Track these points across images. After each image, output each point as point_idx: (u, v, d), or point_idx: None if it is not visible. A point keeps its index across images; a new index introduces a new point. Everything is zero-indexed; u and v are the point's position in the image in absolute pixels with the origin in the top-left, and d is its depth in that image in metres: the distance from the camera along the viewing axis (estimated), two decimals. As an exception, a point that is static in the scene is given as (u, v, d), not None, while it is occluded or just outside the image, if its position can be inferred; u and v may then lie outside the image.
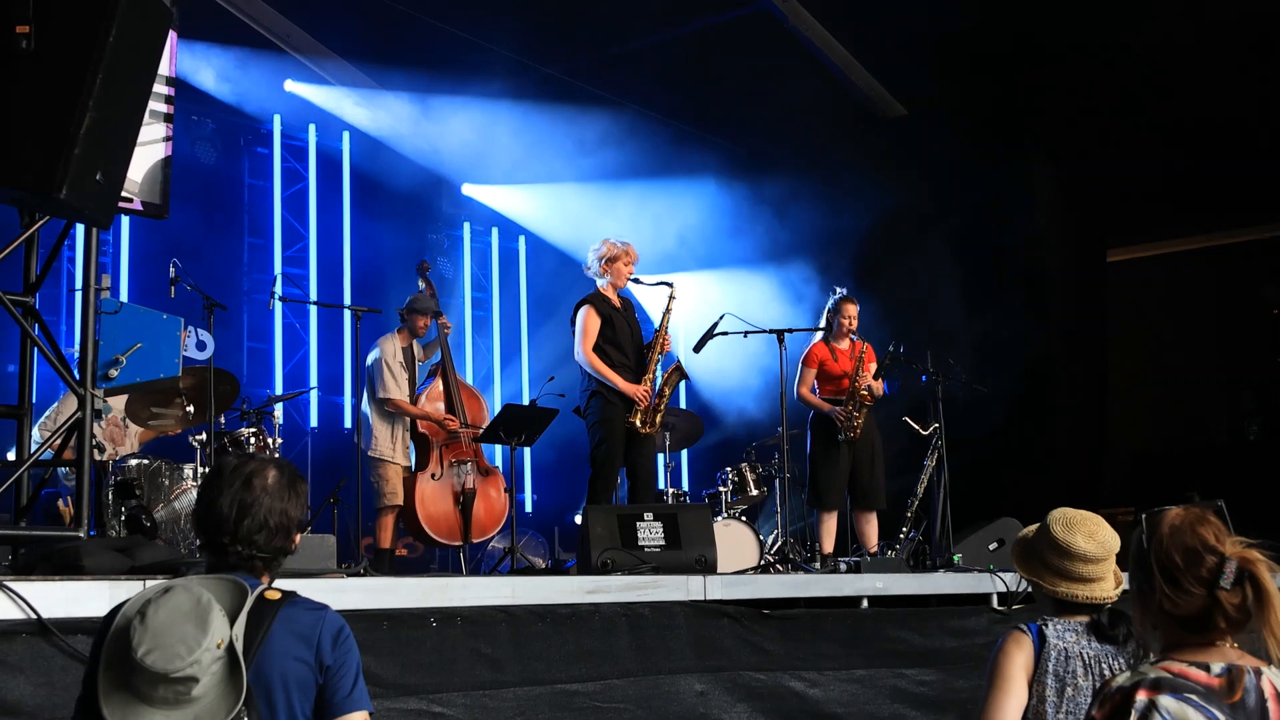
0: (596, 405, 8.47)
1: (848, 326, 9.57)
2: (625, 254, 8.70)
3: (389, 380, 9.36)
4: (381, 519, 9.37)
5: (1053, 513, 3.81)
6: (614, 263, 8.67)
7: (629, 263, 8.72)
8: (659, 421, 8.59)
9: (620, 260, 8.68)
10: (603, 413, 8.43)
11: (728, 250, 14.23)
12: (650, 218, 13.53)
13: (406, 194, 13.22)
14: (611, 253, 8.69)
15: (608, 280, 8.69)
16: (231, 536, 3.18)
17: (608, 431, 8.40)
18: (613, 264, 8.67)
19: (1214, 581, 2.68)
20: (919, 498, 9.54)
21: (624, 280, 8.73)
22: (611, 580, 6.14)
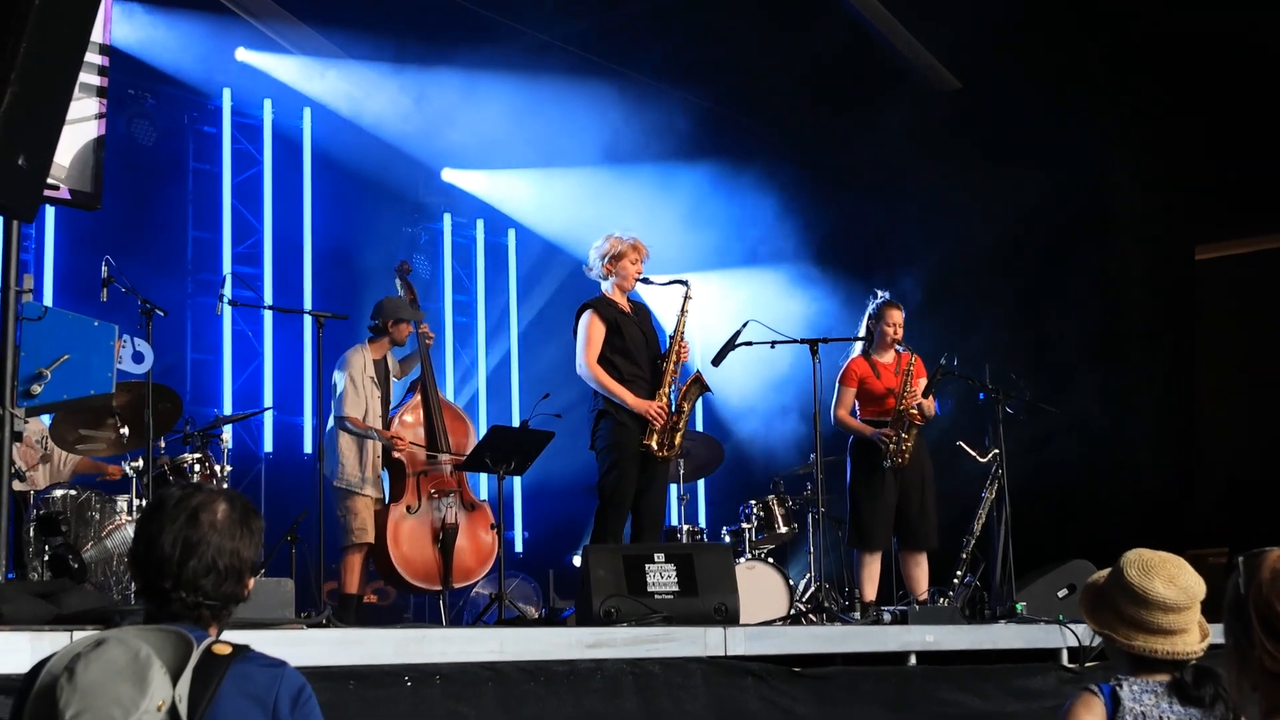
0: (606, 427, 8.48)
1: (892, 336, 9.58)
2: (633, 250, 8.70)
3: (349, 395, 9.37)
4: (348, 560, 9.38)
5: (1127, 555, 3.81)
6: (620, 261, 8.68)
7: (637, 260, 8.72)
8: (679, 443, 8.60)
9: (627, 258, 8.68)
10: (614, 435, 8.44)
11: (753, 246, 14.25)
12: (663, 208, 13.54)
13: (377, 180, 13.24)
14: (616, 249, 8.69)
15: (613, 281, 8.70)
16: (174, 580, 3.19)
17: (620, 456, 8.41)
18: (618, 262, 8.67)
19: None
20: (976, 536, 9.54)
21: (632, 281, 8.73)
22: (616, 632, 6.15)
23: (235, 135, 12.45)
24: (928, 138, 13.66)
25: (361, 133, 13.06)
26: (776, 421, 13.58)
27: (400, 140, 13.28)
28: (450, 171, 14.04)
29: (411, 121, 13.16)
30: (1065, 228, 13.63)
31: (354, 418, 9.38)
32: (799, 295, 13.66)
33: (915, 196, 13.93)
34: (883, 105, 13.67)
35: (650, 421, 8.40)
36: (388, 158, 13.26)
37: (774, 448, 13.54)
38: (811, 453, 9.49)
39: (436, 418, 9.72)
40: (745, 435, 14.20)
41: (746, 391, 13.65)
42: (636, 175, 13.74)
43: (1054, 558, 9.73)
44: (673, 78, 13.81)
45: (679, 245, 13.50)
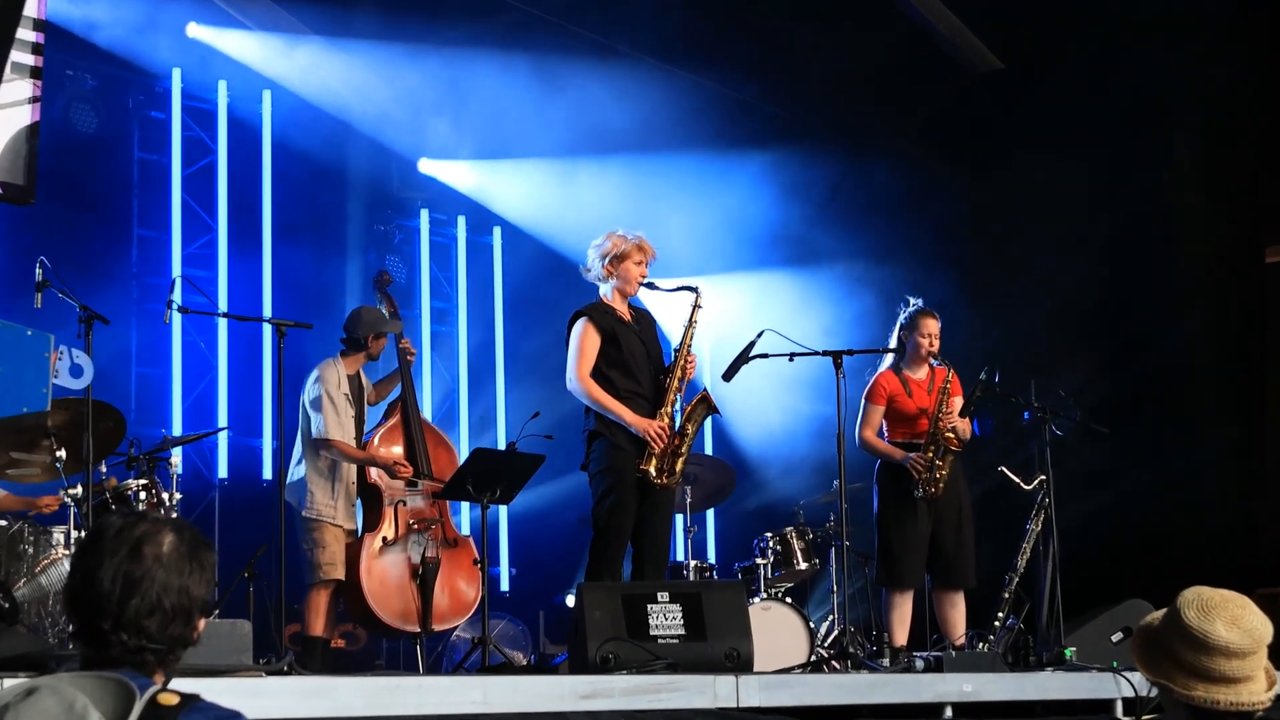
0: (600, 449, 8.47)
1: (926, 348, 9.58)
2: (638, 250, 8.69)
3: (330, 416, 9.38)
4: (313, 598, 9.38)
5: (1184, 594, 3.81)
6: (622, 262, 8.67)
7: (642, 262, 8.71)
8: (680, 470, 8.59)
9: (631, 259, 8.68)
10: (608, 459, 8.42)
11: (771, 247, 14.26)
12: (670, 204, 13.56)
13: (347, 173, 13.26)
14: (619, 249, 8.68)
15: (614, 285, 8.71)
16: (114, 621, 3.19)
17: (616, 482, 8.39)
18: (620, 264, 8.67)
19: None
20: (1020, 573, 9.55)
21: (635, 285, 8.73)
22: (615, 681, 6.15)
23: (186, 121, 12.46)
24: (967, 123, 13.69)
25: (328, 119, 13.06)
26: (795, 444, 13.58)
27: (372, 127, 13.29)
28: (428, 162, 14.05)
29: (385, 106, 13.17)
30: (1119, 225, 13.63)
31: (341, 441, 9.37)
32: (820, 301, 13.68)
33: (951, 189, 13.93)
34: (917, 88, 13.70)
35: (649, 444, 8.40)
36: (358, 147, 13.28)
37: (793, 474, 13.53)
38: (835, 480, 9.50)
39: (418, 441, 9.72)
40: (760, 459, 14.20)
41: (761, 410, 13.66)
42: (640, 167, 13.76)
43: (1107, 598, 9.73)
44: (679, 58, 13.83)
45: (687, 245, 13.52)
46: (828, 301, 13.71)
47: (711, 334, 13.42)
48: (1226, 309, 13.81)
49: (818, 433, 13.00)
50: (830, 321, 13.09)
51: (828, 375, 9.13)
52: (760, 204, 14.12)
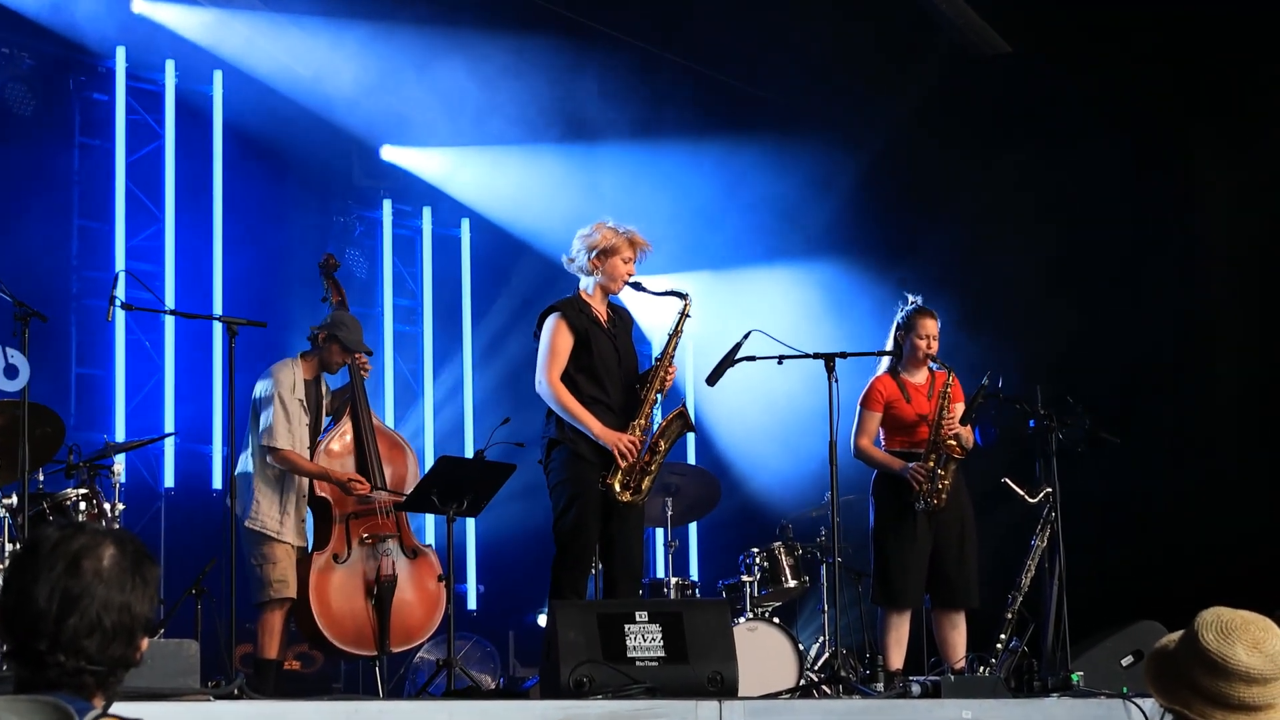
0: (560, 458, 8.49)
1: (925, 350, 9.60)
2: (628, 246, 8.69)
3: (279, 421, 9.35)
4: (265, 618, 9.35)
5: (1202, 615, 3.81)
6: (610, 257, 8.66)
7: (631, 259, 8.72)
8: (647, 488, 8.59)
9: (619, 254, 8.67)
10: (569, 469, 8.44)
11: (757, 242, 14.28)
12: (651, 195, 13.56)
13: (303, 159, 13.25)
14: (608, 242, 8.67)
15: (597, 280, 8.71)
16: (51, 641, 3.19)
17: (576, 494, 8.41)
18: (608, 259, 8.66)
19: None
20: (1024, 592, 9.57)
21: (620, 283, 8.73)
22: (589, 706, 6.16)
23: (131, 104, 12.43)
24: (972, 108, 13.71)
25: (285, 102, 13.04)
26: (784, 453, 13.60)
27: (332, 111, 13.27)
28: (392, 149, 14.04)
29: (345, 89, 13.15)
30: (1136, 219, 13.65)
31: (290, 452, 9.32)
32: (811, 300, 13.69)
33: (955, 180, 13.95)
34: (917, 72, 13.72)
35: (617, 458, 8.40)
36: (317, 132, 13.25)
37: (781, 485, 13.56)
38: (827, 491, 9.51)
39: (369, 447, 9.68)
40: (746, 469, 14.21)
41: (748, 417, 13.67)
42: (620, 155, 13.77)
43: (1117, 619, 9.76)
44: (661, 39, 13.84)
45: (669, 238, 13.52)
46: (819, 300, 13.73)
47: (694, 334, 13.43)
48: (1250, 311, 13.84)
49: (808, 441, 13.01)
50: (822, 321, 13.10)
51: (819, 379, 9.14)
52: (747, 195, 14.13)
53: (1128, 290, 13.54)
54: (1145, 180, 13.59)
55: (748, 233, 14.33)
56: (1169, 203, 13.77)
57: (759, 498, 13.85)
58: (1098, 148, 13.40)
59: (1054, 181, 13.45)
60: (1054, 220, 13.52)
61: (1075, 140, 13.38)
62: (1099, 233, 13.57)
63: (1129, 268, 13.57)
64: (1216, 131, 13.77)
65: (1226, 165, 13.81)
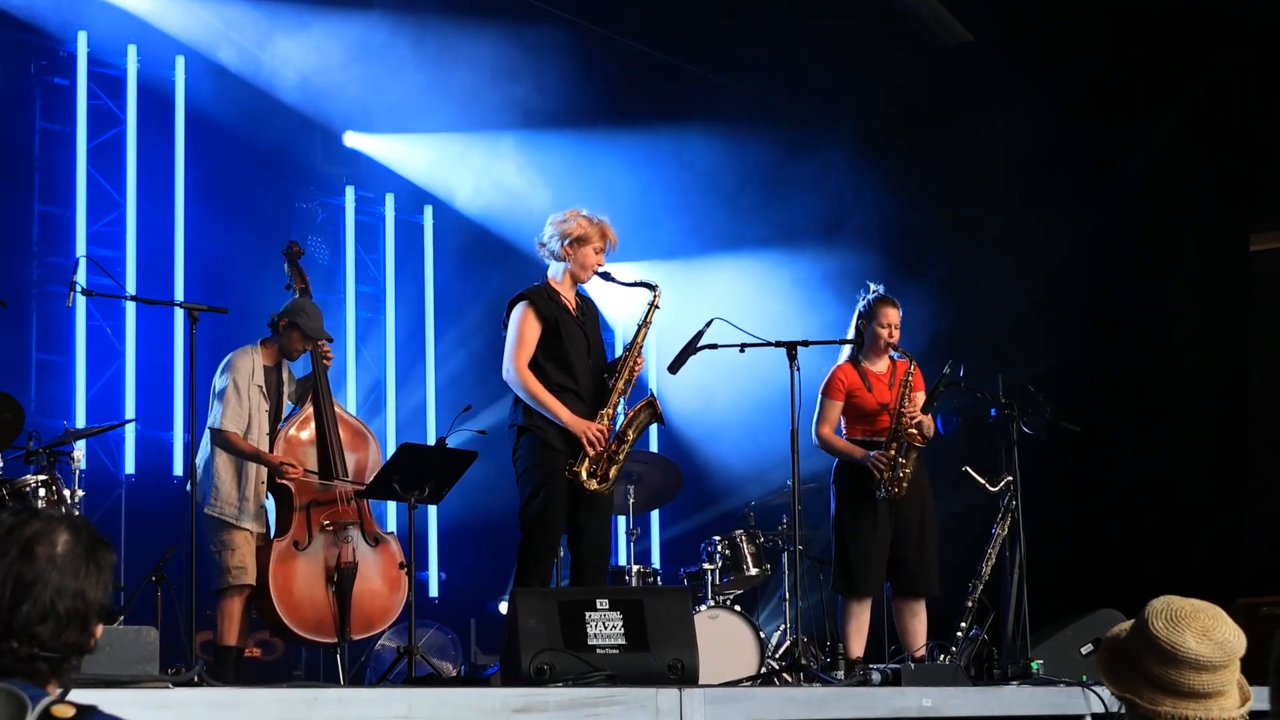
0: (528, 445, 8.48)
1: (887, 339, 9.62)
2: (600, 236, 8.69)
3: (230, 407, 9.33)
4: (225, 605, 9.34)
5: (1152, 604, 3.82)
6: (582, 246, 8.65)
7: (601, 250, 8.72)
8: (614, 476, 8.60)
9: (591, 243, 8.67)
10: (536, 456, 8.44)
11: (720, 230, 14.28)
12: (614, 183, 13.54)
13: (266, 145, 13.19)
14: (581, 230, 8.66)
15: (566, 267, 8.70)
16: (4, 627, 3.17)
17: (543, 481, 8.41)
18: (580, 247, 8.65)
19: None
20: (984, 581, 9.59)
21: (590, 272, 8.73)
22: (549, 694, 6.15)
23: (93, 89, 12.38)
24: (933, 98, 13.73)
25: (247, 87, 13.00)
26: (746, 442, 13.61)
27: (294, 96, 13.22)
28: (355, 135, 13.99)
29: (308, 74, 13.11)
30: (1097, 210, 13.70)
31: (233, 433, 9.33)
32: (774, 288, 13.70)
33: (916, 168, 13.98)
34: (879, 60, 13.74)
35: (584, 447, 8.40)
36: (279, 118, 13.20)
37: (743, 474, 13.57)
38: (788, 480, 9.53)
39: (330, 435, 9.67)
40: (708, 457, 14.22)
41: (710, 405, 13.68)
42: (584, 142, 13.75)
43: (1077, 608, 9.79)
44: (626, 27, 13.83)
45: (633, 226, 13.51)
46: (781, 288, 13.73)
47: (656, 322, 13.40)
48: (1209, 299, 13.90)
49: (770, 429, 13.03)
50: (784, 310, 13.10)
51: (781, 367, 9.16)
52: (710, 183, 14.13)
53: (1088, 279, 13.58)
54: (1104, 169, 13.63)
55: (710, 221, 14.32)
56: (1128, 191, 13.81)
57: (721, 486, 13.86)
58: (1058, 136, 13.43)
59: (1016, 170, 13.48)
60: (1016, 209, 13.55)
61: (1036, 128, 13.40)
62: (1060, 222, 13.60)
63: (1089, 256, 13.60)
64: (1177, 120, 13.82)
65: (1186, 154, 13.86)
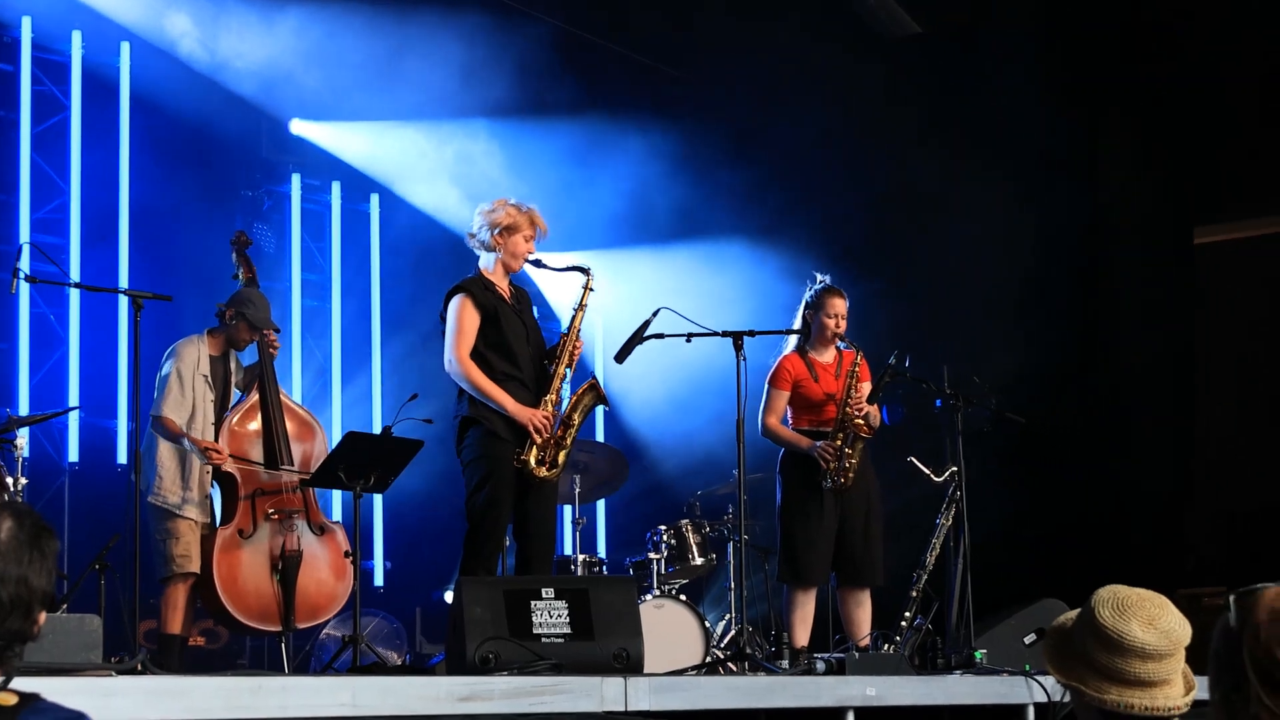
0: (475, 436, 8.48)
1: (833, 329, 9.63)
2: (529, 224, 8.70)
3: (171, 394, 9.30)
4: (169, 594, 9.31)
5: (1098, 593, 3.83)
6: (511, 235, 8.67)
7: (531, 237, 8.73)
8: (563, 462, 8.60)
9: (521, 231, 8.68)
10: (484, 447, 8.43)
11: (666, 220, 14.27)
12: (562, 172, 13.53)
13: (211, 133, 13.12)
14: (510, 219, 8.67)
15: (498, 258, 8.70)
16: (-52, 614, 3.17)
17: (491, 472, 8.41)
18: (510, 236, 8.67)
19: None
20: (929, 571, 9.63)
21: (521, 260, 8.74)
22: (494, 683, 6.14)
23: (37, 74, 12.30)
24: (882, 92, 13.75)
25: (192, 74, 12.92)
26: (692, 431, 13.59)
27: (240, 83, 13.16)
28: (301, 123, 13.93)
29: (254, 61, 13.05)
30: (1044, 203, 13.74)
31: (170, 420, 9.29)
32: (721, 279, 13.70)
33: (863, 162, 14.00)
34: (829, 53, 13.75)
35: (531, 433, 8.40)
36: (225, 105, 13.14)
37: (689, 463, 13.56)
38: (734, 469, 9.53)
39: (276, 424, 9.65)
40: (654, 447, 14.23)
41: (656, 394, 13.68)
42: (530, 132, 13.73)
43: (1020, 597, 9.83)
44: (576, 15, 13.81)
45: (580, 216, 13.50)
46: (729, 279, 13.73)
47: (604, 312, 13.42)
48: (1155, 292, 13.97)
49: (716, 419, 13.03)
50: (731, 300, 13.10)
51: (727, 357, 9.15)
52: (658, 174, 14.11)
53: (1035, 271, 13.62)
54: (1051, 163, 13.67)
55: (659, 211, 14.31)
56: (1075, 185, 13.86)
57: (667, 476, 13.86)
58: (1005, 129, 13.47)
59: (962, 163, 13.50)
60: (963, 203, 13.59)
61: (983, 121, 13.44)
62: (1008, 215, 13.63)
63: (1036, 249, 13.64)
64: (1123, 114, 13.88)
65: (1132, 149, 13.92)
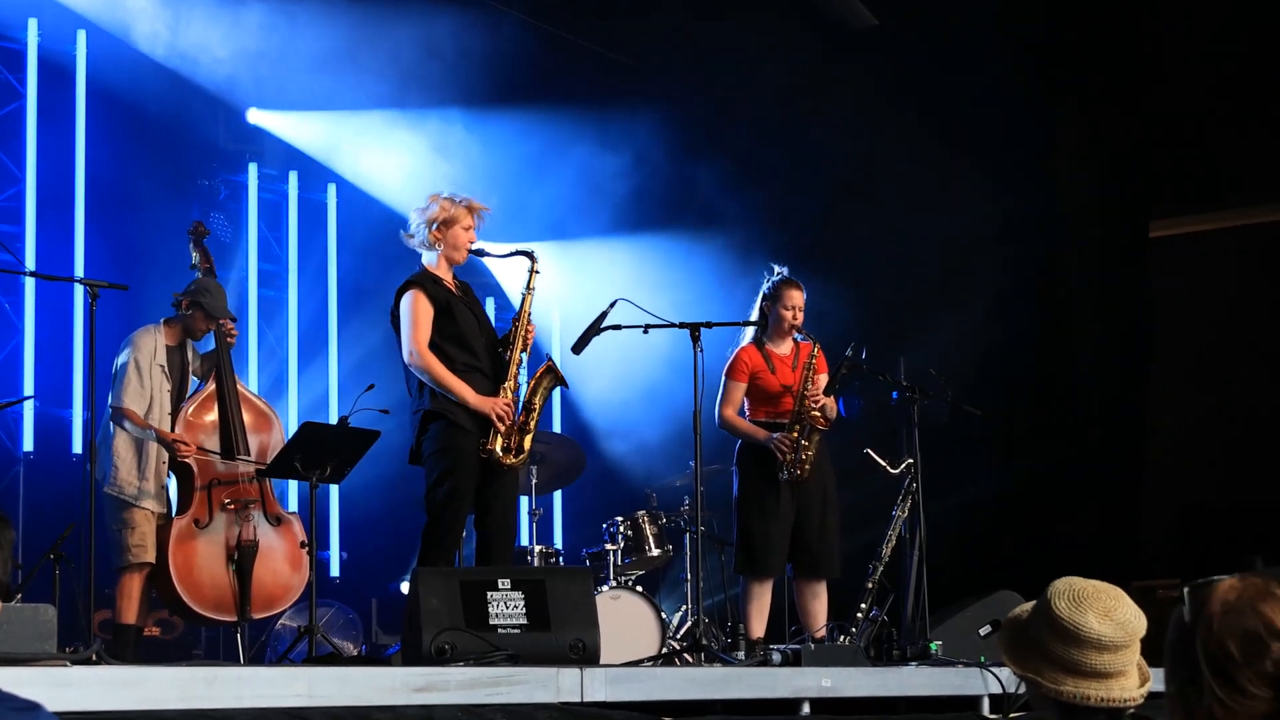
0: (437, 430, 8.44)
1: (791, 321, 9.64)
2: (466, 214, 8.68)
3: (131, 384, 9.27)
4: (125, 583, 9.28)
5: (1054, 584, 3.84)
6: (450, 227, 8.64)
7: (471, 226, 8.70)
8: (528, 447, 8.59)
9: (459, 223, 8.66)
10: (446, 439, 8.40)
11: (624, 211, 14.26)
12: (520, 163, 13.51)
13: (169, 121, 13.07)
14: (447, 213, 8.65)
15: (440, 253, 8.67)
16: (-97, 603, 3.16)
17: (454, 464, 8.38)
18: (449, 229, 8.64)
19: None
20: (885, 562, 9.64)
21: (464, 252, 8.71)
22: (450, 673, 6.14)
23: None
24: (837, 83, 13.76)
25: (149, 62, 12.86)
26: (649, 423, 13.62)
27: (198, 72, 13.10)
28: (258, 112, 13.88)
29: (212, 50, 13.00)
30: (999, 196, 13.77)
31: (133, 411, 9.27)
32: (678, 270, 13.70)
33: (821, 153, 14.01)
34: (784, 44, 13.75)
35: (494, 422, 8.38)
36: (182, 94, 13.08)
37: (646, 454, 13.58)
38: (691, 461, 9.54)
39: (233, 413, 9.62)
40: (611, 438, 14.21)
41: (614, 386, 13.67)
42: (488, 122, 13.69)
43: (976, 589, 9.85)
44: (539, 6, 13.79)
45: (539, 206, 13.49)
46: (686, 270, 13.73)
47: (561, 303, 13.40)
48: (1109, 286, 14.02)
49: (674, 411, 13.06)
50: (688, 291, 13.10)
51: (685, 349, 9.16)
52: (617, 165, 14.10)
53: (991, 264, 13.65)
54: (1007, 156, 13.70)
55: (617, 202, 14.30)
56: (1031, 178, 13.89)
57: (623, 467, 13.86)
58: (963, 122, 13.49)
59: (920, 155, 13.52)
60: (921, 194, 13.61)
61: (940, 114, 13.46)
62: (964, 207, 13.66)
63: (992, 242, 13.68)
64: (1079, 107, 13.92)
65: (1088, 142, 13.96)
